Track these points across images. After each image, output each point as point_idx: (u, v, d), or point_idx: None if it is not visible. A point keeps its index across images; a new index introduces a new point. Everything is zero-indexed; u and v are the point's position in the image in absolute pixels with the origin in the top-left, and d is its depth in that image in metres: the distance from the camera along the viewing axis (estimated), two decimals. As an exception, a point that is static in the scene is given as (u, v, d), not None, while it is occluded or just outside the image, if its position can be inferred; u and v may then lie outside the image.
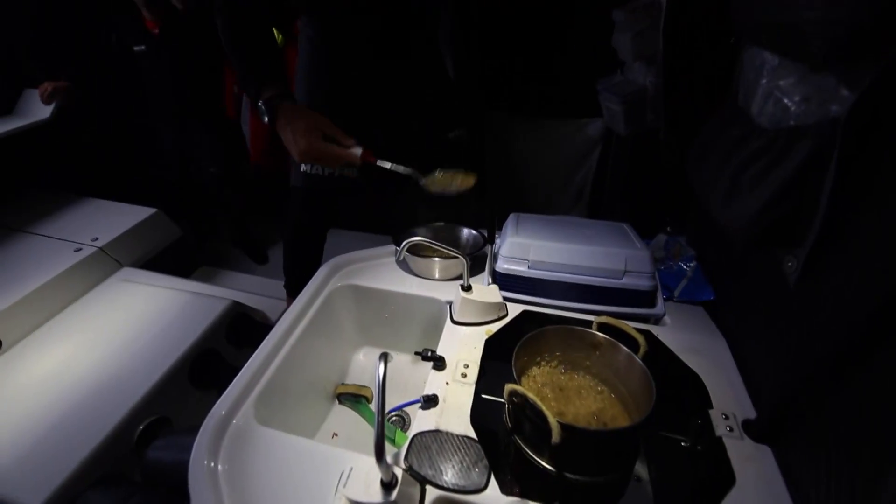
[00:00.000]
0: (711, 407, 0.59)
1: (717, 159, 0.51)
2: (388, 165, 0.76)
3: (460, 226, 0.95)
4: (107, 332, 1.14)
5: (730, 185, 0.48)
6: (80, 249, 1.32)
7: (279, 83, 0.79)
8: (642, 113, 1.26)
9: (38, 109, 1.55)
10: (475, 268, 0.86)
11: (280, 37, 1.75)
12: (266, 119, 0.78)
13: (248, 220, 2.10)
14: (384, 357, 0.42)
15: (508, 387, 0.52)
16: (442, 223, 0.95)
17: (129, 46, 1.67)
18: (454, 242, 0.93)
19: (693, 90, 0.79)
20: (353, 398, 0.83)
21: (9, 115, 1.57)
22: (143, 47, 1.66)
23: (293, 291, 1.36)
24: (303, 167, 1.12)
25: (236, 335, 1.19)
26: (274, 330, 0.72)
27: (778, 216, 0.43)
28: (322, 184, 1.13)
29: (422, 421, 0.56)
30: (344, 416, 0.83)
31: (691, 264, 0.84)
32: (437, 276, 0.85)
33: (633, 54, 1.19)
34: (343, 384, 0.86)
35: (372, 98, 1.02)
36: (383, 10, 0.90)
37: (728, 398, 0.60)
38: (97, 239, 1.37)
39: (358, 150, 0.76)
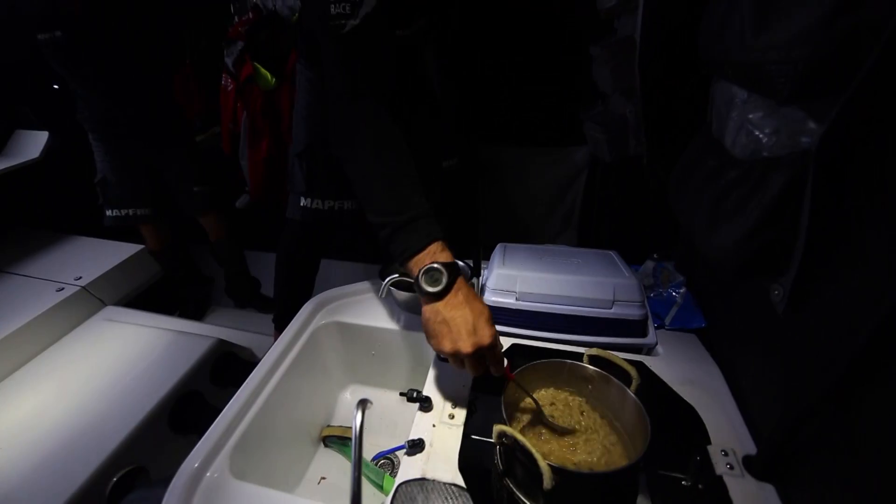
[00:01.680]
0: (710, 442, 0.56)
1: (695, 190, 0.52)
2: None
3: None
4: (85, 374, 1.09)
5: (710, 216, 0.48)
6: (63, 289, 1.29)
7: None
8: (625, 140, 1.28)
9: (28, 149, 1.55)
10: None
11: (273, 79, 1.78)
12: (435, 289, 0.55)
13: (247, 272, 1.83)
14: (362, 405, 0.40)
15: (497, 427, 0.49)
16: None
17: (32, 36, 1.10)
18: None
19: (670, 120, 0.81)
20: (340, 441, 0.80)
21: (-1, 155, 1.57)
22: (58, 33, 1.07)
23: (282, 324, 1.33)
24: (302, 201, 1.10)
25: (221, 375, 1.15)
26: (254, 373, 0.69)
27: (759, 246, 0.43)
28: (320, 217, 1.11)
29: (407, 468, 0.53)
30: (331, 460, 0.79)
31: (681, 290, 0.83)
32: (424, 309, 0.84)
33: (612, 86, 1.22)
34: (329, 426, 0.82)
35: None
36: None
37: (727, 432, 0.58)
38: (80, 278, 1.34)
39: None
